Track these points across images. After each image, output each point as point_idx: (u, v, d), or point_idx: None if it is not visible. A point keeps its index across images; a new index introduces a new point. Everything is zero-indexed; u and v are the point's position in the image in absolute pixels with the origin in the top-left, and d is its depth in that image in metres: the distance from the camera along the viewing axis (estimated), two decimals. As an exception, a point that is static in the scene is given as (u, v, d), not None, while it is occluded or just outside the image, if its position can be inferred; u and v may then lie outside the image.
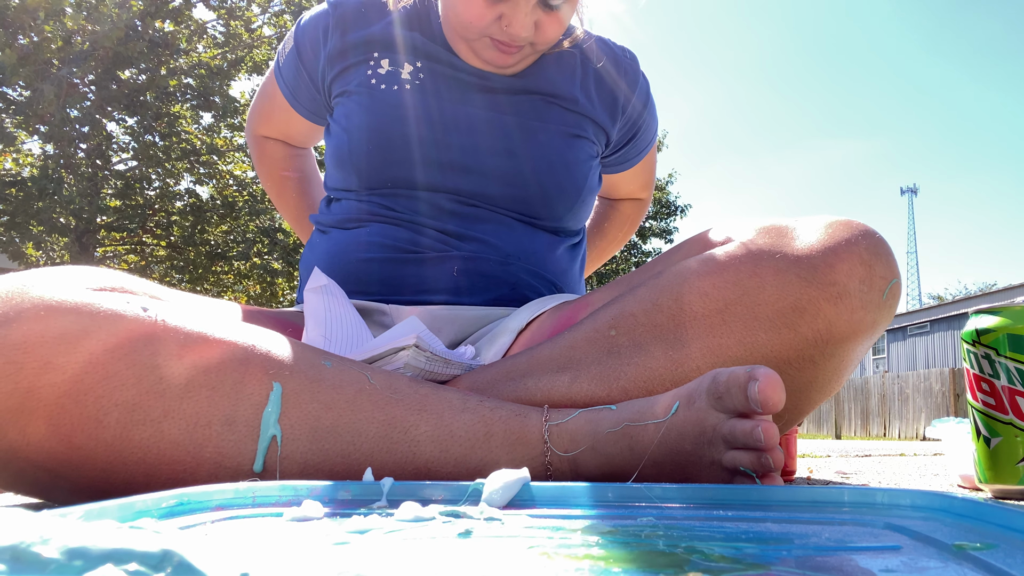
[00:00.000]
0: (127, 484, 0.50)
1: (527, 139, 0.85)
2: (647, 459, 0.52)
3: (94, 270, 0.59)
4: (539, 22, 0.80)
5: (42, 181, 7.20)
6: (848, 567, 0.26)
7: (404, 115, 0.84)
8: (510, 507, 0.40)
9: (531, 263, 0.87)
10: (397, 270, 0.83)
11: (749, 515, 0.38)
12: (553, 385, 0.62)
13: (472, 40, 0.83)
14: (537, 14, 0.79)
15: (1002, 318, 0.77)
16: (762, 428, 0.46)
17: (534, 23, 0.80)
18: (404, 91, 0.86)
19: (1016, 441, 0.74)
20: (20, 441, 0.48)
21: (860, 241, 0.58)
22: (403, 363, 0.65)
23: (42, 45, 6.97)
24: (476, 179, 0.84)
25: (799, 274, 0.57)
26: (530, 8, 0.78)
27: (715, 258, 0.61)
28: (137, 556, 0.19)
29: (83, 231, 8.00)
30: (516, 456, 0.55)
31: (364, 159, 0.85)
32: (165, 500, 0.37)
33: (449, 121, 0.85)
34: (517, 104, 0.87)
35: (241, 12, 8.55)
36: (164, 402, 0.50)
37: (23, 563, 0.18)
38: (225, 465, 0.51)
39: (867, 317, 0.57)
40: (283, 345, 0.57)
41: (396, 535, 0.32)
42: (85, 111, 7.64)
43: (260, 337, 0.56)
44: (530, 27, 0.80)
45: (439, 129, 0.84)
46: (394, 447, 0.54)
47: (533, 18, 0.79)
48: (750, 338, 0.58)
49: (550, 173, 0.86)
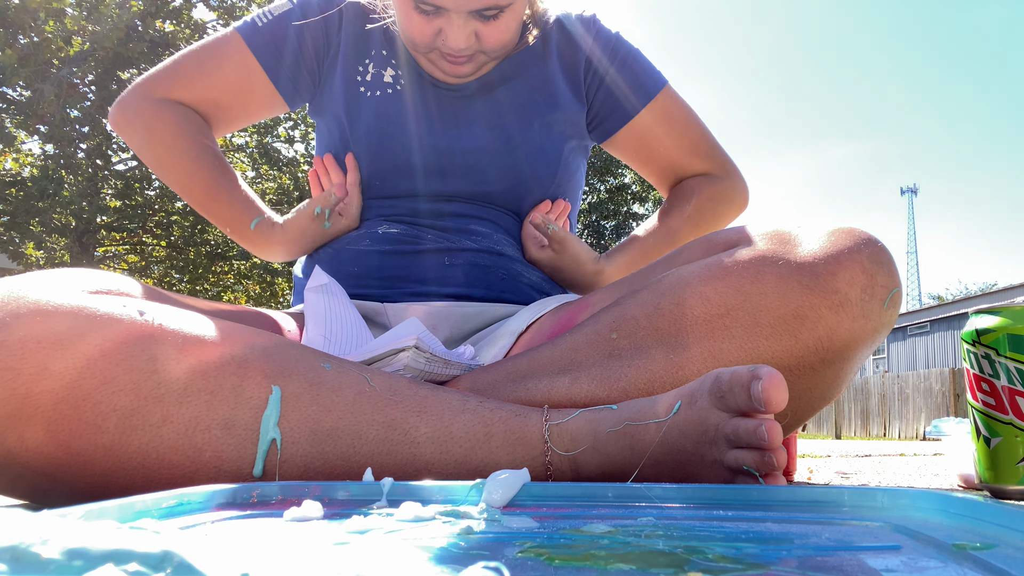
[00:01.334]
0: (126, 488, 0.50)
1: (505, 134, 0.87)
2: (648, 458, 0.52)
3: (91, 273, 0.58)
4: (479, 32, 0.80)
5: (42, 181, 7.21)
6: (848, 567, 0.26)
7: (391, 120, 0.86)
8: (510, 507, 0.40)
9: (522, 256, 0.89)
10: (396, 262, 0.84)
11: (749, 515, 0.38)
12: (553, 386, 0.62)
13: (424, 54, 0.84)
14: (474, 25, 0.80)
15: (1002, 318, 0.77)
16: (766, 427, 0.46)
17: (474, 33, 0.80)
18: (387, 96, 0.88)
19: (1016, 441, 0.74)
20: (18, 446, 0.48)
21: (862, 249, 0.58)
22: (403, 364, 0.65)
23: (42, 45, 6.97)
24: (451, 180, 0.86)
25: (801, 281, 0.57)
26: (463, 21, 0.79)
27: (718, 263, 0.61)
28: (137, 556, 0.19)
29: (83, 231, 8.00)
30: (516, 456, 0.55)
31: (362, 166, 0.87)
32: (165, 500, 0.37)
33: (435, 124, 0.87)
34: (492, 99, 0.89)
35: (241, 12, 8.56)
36: (162, 406, 0.50)
37: (23, 563, 0.18)
38: (225, 469, 0.51)
39: (868, 325, 0.57)
40: (282, 347, 0.57)
41: (396, 535, 0.32)
42: (85, 111, 7.64)
43: (259, 339, 0.56)
44: (469, 38, 0.80)
45: (421, 132, 0.86)
46: (394, 449, 0.54)
47: (470, 29, 0.79)
48: (751, 344, 0.58)
49: (526, 162, 0.87)
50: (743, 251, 0.61)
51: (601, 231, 12.53)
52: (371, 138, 0.86)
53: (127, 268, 9.03)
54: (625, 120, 0.95)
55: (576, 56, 0.93)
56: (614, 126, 0.95)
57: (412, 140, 0.86)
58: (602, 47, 0.93)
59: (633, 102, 0.94)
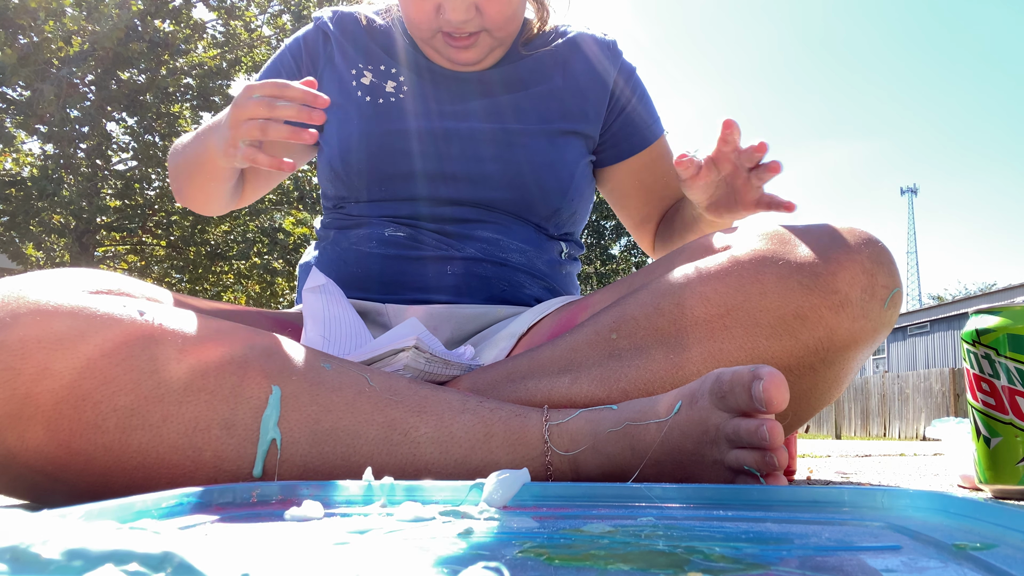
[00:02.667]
0: (126, 488, 0.50)
1: (509, 142, 0.86)
2: (648, 459, 0.52)
3: (91, 273, 0.58)
4: (479, 5, 0.79)
5: (42, 181, 7.20)
6: (848, 567, 0.26)
7: (391, 128, 0.85)
8: (510, 507, 0.40)
9: (527, 265, 0.87)
10: (398, 267, 0.83)
11: (749, 515, 0.38)
12: (553, 387, 0.62)
13: (428, 40, 0.84)
14: None
15: (1002, 318, 0.77)
16: (767, 427, 0.46)
17: (474, 6, 0.79)
18: (389, 103, 0.87)
19: (1016, 441, 0.74)
20: (19, 446, 0.48)
21: (863, 249, 0.58)
22: (403, 365, 0.65)
23: (42, 45, 6.97)
24: (461, 185, 0.85)
25: (801, 281, 0.57)
26: None
27: (718, 263, 0.61)
28: (137, 557, 0.19)
29: (83, 231, 8.00)
30: (516, 456, 0.55)
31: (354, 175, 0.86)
32: (165, 500, 0.37)
33: (437, 129, 0.86)
34: (499, 106, 0.88)
35: (240, 12, 8.56)
36: (163, 406, 0.50)
37: (23, 563, 0.18)
38: (224, 469, 0.51)
39: (868, 326, 0.57)
40: (282, 347, 0.57)
41: (396, 535, 0.32)
42: (85, 111, 7.64)
43: (258, 339, 0.56)
44: (468, 10, 0.79)
45: (426, 139, 0.85)
46: (394, 449, 0.54)
47: (469, 1, 0.79)
48: (751, 344, 0.58)
49: (533, 174, 0.85)
50: (743, 251, 0.61)
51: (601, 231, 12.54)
52: (372, 141, 0.85)
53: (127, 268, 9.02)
54: (643, 147, 0.96)
55: (597, 79, 0.92)
56: (630, 150, 0.96)
57: (416, 144, 0.85)
58: (625, 78, 0.95)
59: (648, 133, 0.97)
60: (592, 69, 0.93)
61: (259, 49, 8.63)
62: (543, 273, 0.89)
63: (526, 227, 0.88)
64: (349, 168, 0.86)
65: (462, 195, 0.85)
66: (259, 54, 8.57)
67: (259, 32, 8.76)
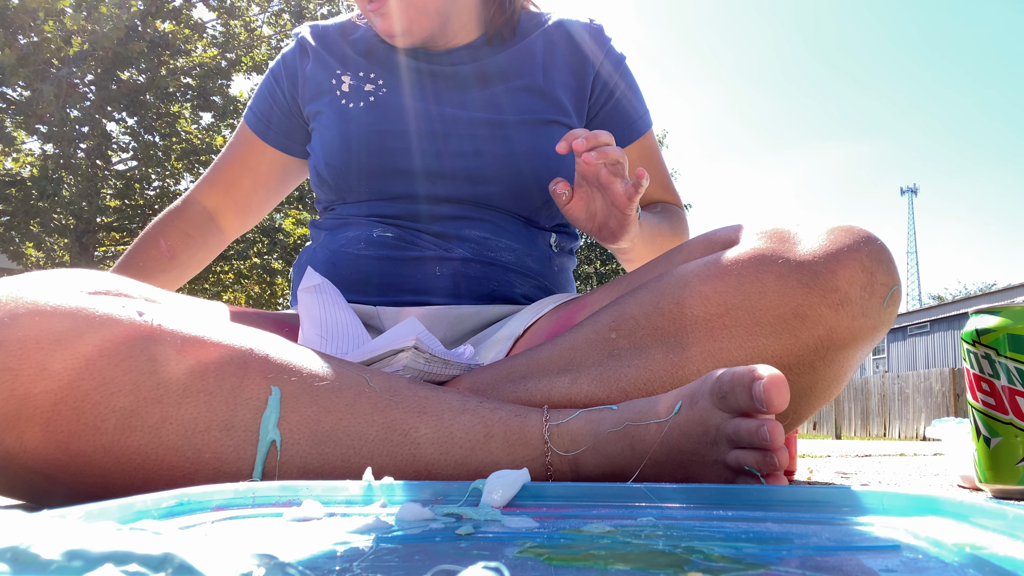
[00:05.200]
0: (125, 489, 0.49)
1: (493, 134, 0.86)
2: (649, 459, 0.52)
3: (90, 273, 0.58)
4: None
5: (42, 181, 7.20)
6: (848, 567, 0.26)
7: (372, 129, 0.86)
8: (510, 507, 0.40)
9: (517, 264, 0.87)
10: (388, 268, 0.84)
11: (749, 515, 0.38)
12: (553, 387, 0.62)
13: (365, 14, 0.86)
14: None
15: (1002, 318, 0.77)
16: (768, 427, 0.46)
17: None
18: (370, 103, 0.87)
19: (1016, 441, 0.74)
20: (16, 447, 0.48)
21: (862, 247, 0.58)
22: (402, 365, 0.64)
23: (42, 45, 6.97)
24: (449, 181, 0.85)
25: (801, 280, 0.57)
26: None
27: (717, 262, 0.61)
28: (137, 557, 0.19)
29: (83, 231, 8.00)
30: (516, 457, 0.55)
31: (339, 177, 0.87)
32: (165, 501, 0.37)
33: (422, 127, 0.86)
34: (481, 99, 0.88)
35: (240, 12, 8.56)
36: (162, 407, 0.50)
37: (23, 563, 0.18)
38: (224, 470, 0.51)
39: (867, 324, 0.58)
40: (281, 348, 0.56)
41: (395, 535, 0.32)
42: (85, 111, 7.64)
43: (258, 340, 0.56)
44: None
45: (409, 137, 0.86)
46: (394, 450, 0.54)
47: None
48: (751, 343, 0.58)
49: (525, 161, 0.86)
50: (742, 250, 0.61)
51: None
52: (353, 143, 0.85)
53: (127, 268, 9.01)
54: (633, 138, 0.97)
55: (584, 66, 0.92)
56: (620, 140, 0.96)
57: (399, 143, 0.85)
58: (613, 65, 0.94)
59: (640, 123, 0.97)
60: (578, 57, 0.93)
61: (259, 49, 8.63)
62: (534, 271, 0.88)
63: (516, 222, 0.88)
64: (333, 171, 0.87)
65: (450, 191, 0.85)
66: (259, 54, 8.58)
67: (259, 32, 8.77)
